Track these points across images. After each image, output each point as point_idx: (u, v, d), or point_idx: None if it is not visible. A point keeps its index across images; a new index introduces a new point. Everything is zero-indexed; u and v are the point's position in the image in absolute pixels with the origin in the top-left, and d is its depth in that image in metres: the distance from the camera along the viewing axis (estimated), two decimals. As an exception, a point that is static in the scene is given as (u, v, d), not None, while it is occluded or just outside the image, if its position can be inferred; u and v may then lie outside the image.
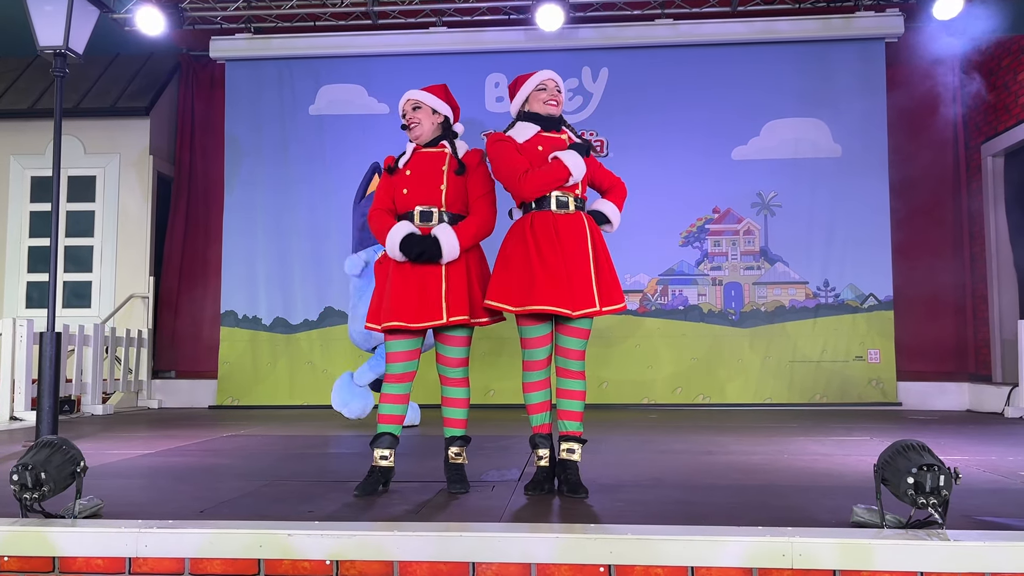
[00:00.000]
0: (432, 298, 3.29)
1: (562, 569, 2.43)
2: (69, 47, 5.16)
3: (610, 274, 3.28)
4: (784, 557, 2.38)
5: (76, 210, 8.93)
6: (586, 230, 3.27)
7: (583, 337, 3.27)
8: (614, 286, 3.27)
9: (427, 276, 3.32)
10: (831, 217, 8.15)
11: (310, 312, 8.47)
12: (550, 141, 3.38)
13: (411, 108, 3.47)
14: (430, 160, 3.41)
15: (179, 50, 9.24)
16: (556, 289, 3.16)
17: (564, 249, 3.21)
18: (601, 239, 3.34)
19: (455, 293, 3.31)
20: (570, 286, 3.17)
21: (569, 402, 3.29)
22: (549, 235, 3.23)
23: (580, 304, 3.18)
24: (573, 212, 3.28)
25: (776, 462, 4.19)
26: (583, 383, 3.30)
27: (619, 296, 3.28)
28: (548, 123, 3.41)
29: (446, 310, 3.28)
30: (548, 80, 3.42)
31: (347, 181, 8.30)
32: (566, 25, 8.09)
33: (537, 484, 3.27)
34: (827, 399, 7.97)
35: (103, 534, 2.56)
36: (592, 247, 3.26)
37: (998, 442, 5.10)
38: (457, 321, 3.29)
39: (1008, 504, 3.03)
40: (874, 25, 8.19)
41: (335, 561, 2.49)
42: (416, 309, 3.28)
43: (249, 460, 4.38)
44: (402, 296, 3.30)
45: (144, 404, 8.38)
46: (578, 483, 3.20)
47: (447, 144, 3.46)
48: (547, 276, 3.18)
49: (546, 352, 3.31)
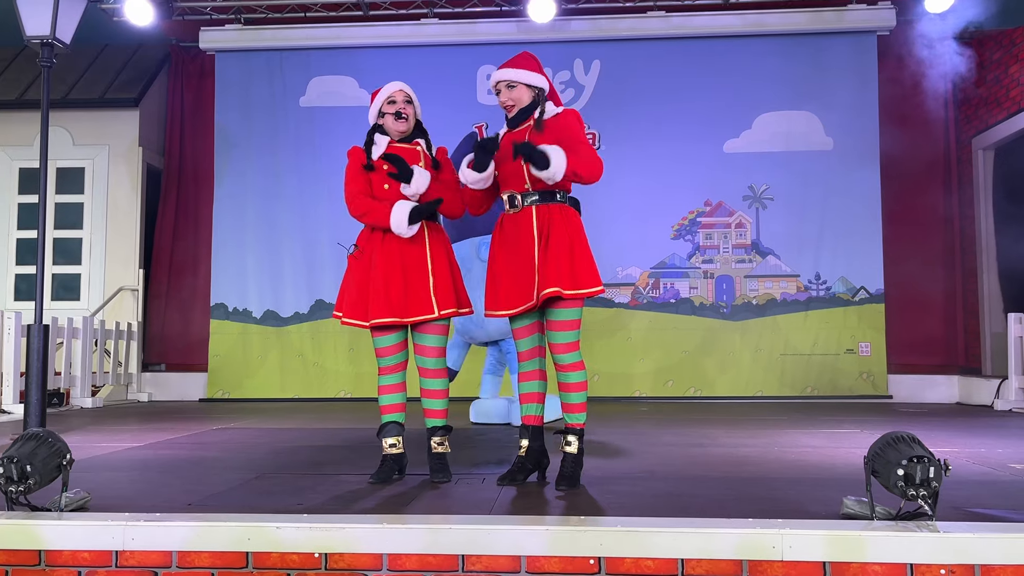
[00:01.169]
0: (420, 292, 3.33)
1: (552, 561, 2.42)
2: (56, 37, 5.11)
3: (564, 260, 3.12)
4: (774, 549, 2.38)
5: (65, 202, 8.86)
6: (532, 224, 3.20)
7: (566, 329, 3.20)
8: (563, 272, 3.11)
9: (412, 270, 3.34)
10: (822, 210, 8.16)
11: (301, 305, 8.45)
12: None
13: (403, 99, 3.47)
14: (406, 156, 3.43)
15: (168, 41, 9.17)
16: (491, 293, 3.27)
17: (506, 249, 3.25)
18: (558, 226, 3.18)
19: (442, 286, 3.36)
20: (507, 285, 3.21)
21: (566, 395, 3.28)
22: (496, 238, 3.32)
23: (516, 302, 3.18)
24: (522, 209, 3.23)
25: (767, 454, 4.20)
26: (579, 375, 3.23)
27: (568, 282, 3.11)
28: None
29: (436, 304, 3.33)
30: (498, 83, 3.35)
31: (338, 173, 8.23)
32: (558, 17, 8.07)
33: (508, 475, 3.29)
34: (818, 392, 7.99)
35: (89, 527, 2.54)
36: (537, 238, 3.17)
37: (987, 434, 5.12)
38: (448, 314, 3.36)
39: (997, 496, 3.04)
40: (866, 18, 8.19)
41: (324, 554, 2.48)
42: (405, 303, 3.32)
43: (238, 453, 4.36)
44: (389, 290, 3.31)
45: (134, 397, 8.34)
46: (570, 476, 3.19)
47: (421, 142, 3.51)
48: (488, 280, 3.31)
49: (529, 344, 3.30)
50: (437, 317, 3.33)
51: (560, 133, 3.24)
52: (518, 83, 3.31)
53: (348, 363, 8.28)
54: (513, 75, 3.31)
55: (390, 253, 3.36)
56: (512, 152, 3.18)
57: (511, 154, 3.22)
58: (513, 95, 3.31)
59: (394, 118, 3.44)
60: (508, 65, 3.35)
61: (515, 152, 3.13)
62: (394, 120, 3.45)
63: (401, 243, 3.36)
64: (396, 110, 3.45)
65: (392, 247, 3.37)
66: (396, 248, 3.36)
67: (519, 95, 3.31)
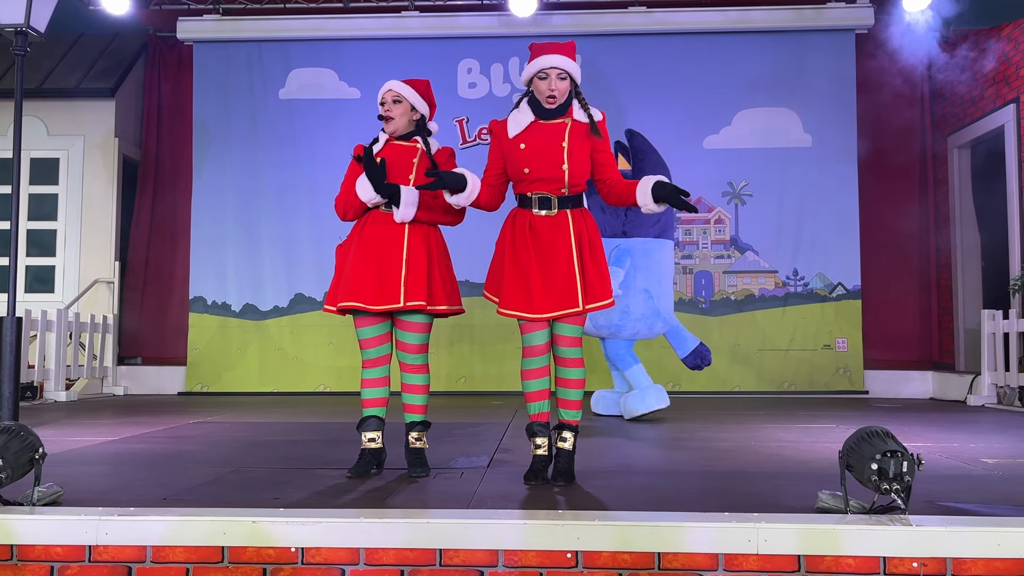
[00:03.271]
0: (391, 281, 3.29)
1: (529, 555, 2.43)
2: (30, 25, 5.04)
3: (603, 269, 3.20)
4: (750, 543, 2.40)
5: (39, 193, 8.74)
6: (569, 231, 3.18)
7: (577, 323, 3.20)
8: (605, 281, 3.20)
9: (387, 258, 3.31)
10: (801, 207, 8.21)
11: (280, 299, 8.39)
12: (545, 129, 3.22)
13: (391, 99, 3.43)
14: (401, 153, 3.42)
15: (146, 30, 9.05)
16: (518, 294, 3.16)
17: (539, 252, 3.16)
18: (595, 236, 3.23)
19: (414, 278, 3.30)
20: (543, 289, 3.13)
21: (564, 391, 3.27)
22: (524, 237, 3.19)
23: (555, 306, 3.14)
24: (556, 214, 3.18)
25: (743, 449, 4.23)
26: (581, 371, 3.25)
27: (604, 293, 3.19)
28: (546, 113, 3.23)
29: (404, 294, 3.28)
30: (551, 68, 3.16)
31: (318, 166, 8.22)
32: (540, 11, 8.06)
33: (535, 473, 3.22)
34: (795, 387, 8.05)
35: (62, 521, 2.51)
36: (577, 247, 3.17)
37: (960, 429, 5.19)
38: (414, 306, 3.29)
39: (969, 490, 3.08)
40: (845, 16, 8.25)
41: (300, 548, 2.47)
42: (375, 291, 3.29)
43: (215, 447, 4.33)
44: (361, 277, 3.30)
45: (109, 391, 8.25)
46: (566, 471, 3.20)
47: (420, 140, 3.45)
48: (512, 280, 3.19)
49: (542, 338, 3.21)
50: (403, 308, 3.29)
51: (598, 141, 3.20)
52: (569, 74, 3.18)
53: (328, 357, 8.23)
54: (568, 65, 3.16)
55: (367, 241, 3.34)
56: (551, 150, 3.11)
57: (546, 151, 3.14)
58: (563, 86, 3.16)
59: (381, 119, 3.44)
60: (559, 52, 3.17)
61: (660, 190, 3.09)
62: (382, 121, 3.44)
63: (379, 231, 3.33)
64: (383, 112, 3.43)
65: (370, 235, 3.35)
66: (373, 236, 3.34)
67: (566, 87, 3.18)
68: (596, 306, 3.17)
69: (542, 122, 3.22)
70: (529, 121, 3.22)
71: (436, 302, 3.34)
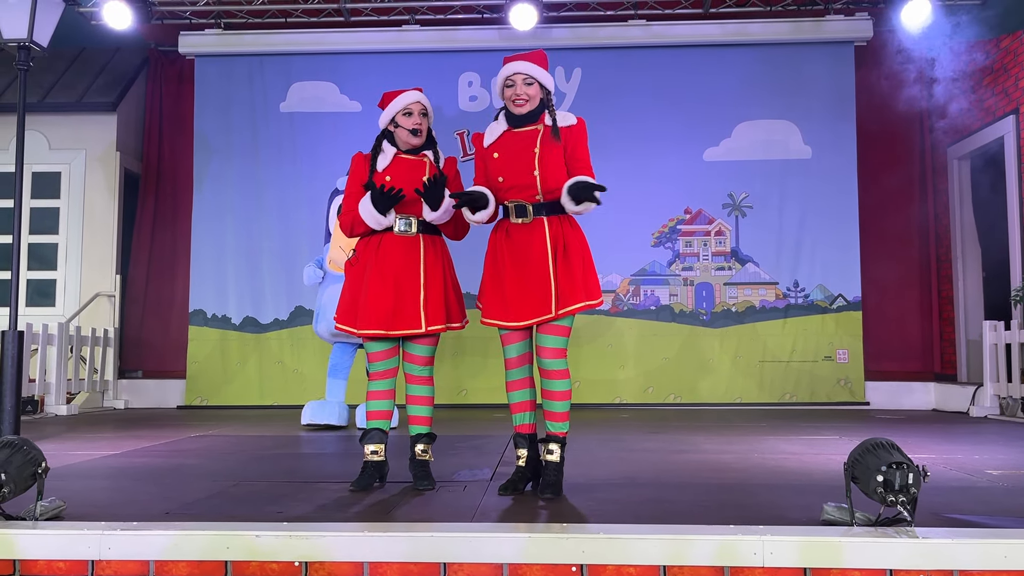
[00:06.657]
0: (410, 306, 3.29)
1: (534, 569, 2.42)
2: (34, 40, 5.07)
3: (578, 274, 3.15)
4: (755, 555, 2.38)
5: (40, 207, 8.75)
6: (545, 238, 3.16)
7: (558, 334, 3.17)
8: (577, 286, 3.14)
9: (405, 282, 3.30)
10: (801, 218, 8.22)
11: (280, 312, 8.39)
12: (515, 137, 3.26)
13: (419, 112, 3.38)
14: (411, 168, 3.38)
15: (147, 45, 9.09)
16: (496, 303, 3.18)
17: (514, 260, 3.17)
18: (572, 240, 3.20)
19: (433, 301, 3.31)
20: (518, 297, 3.13)
21: (549, 403, 3.23)
22: (502, 245, 3.22)
23: (529, 314, 3.12)
24: (532, 221, 3.17)
25: (747, 461, 4.22)
26: (565, 383, 3.20)
27: (583, 295, 3.13)
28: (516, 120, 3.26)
29: (425, 319, 3.29)
30: (515, 75, 3.21)
31: (318, 179, 8.22)
32: (540, 25, 8.09)
33: (510, 484, 3.23)
34: (796, 398, 8.04)
35: (65, 536, 2.50)
36: (552, 253, 3.15)
37: (964, 440, 5.18)
38: (436, 330, 3.32)
39: (975, 501, 3.07)
40: (843, 28, 8.28)
41: (304, 563, 2.46)
42: (393, 316, 3.28)
43: (217, 461, 4.31)
44: (379, 302, 3.28)
45: (110, 404, 8.23)
46: (554, 484, 3.16)
47: (428, 154, 3.43)
48: (491, 289, 3.21)
49: (519, 349, 3.23)
50: (424, 333, 3.31)
51: (571, 145, 3.20)
52: (535, 80, 3.20)
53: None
54: (533, 71, 3.18)
55: (384, 263, 3.31)
56: (523, 157, 3.11)
57: (518, 158, 3.15)
58: (530, 91, 3.18)
59: (409, 133, 3.36)
60: (525, 59, 3.21)
61: (575, 190, 3.07)
62: (408, 134, 3.37)
63: (396, 253, 3.31)
64: (413, 125, 3.35)
65: (387, 257, 3.32)
66: (390, 258, 3.31)
67: (534, 92, 3.20)
68: (569, 310, 3.11)
69: (515, 130, 3.24)
70: (502, 130, 3.25)
71: (453, 320, 3.38)
